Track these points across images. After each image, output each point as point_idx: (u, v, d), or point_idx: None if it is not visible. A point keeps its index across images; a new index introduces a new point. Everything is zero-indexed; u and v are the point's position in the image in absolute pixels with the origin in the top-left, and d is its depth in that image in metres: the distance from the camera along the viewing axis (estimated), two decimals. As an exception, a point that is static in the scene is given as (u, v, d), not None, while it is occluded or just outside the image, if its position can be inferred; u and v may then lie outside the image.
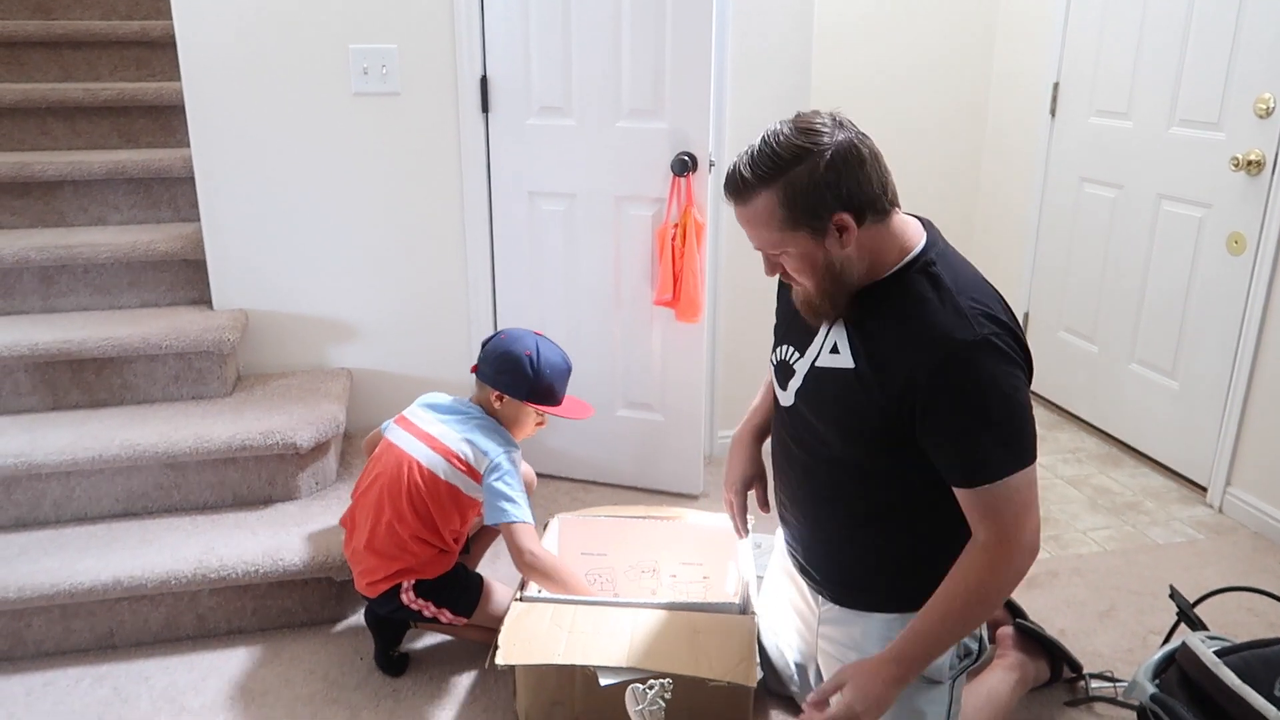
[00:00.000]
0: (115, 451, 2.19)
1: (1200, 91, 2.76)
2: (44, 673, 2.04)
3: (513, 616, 1.84)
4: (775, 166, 1.39)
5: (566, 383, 2.04)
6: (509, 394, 1.99)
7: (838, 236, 1.42)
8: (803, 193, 1.38)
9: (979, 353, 1.39)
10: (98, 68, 3.23)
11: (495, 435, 1.98)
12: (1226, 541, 2.60)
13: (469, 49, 2.55)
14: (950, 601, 1.46)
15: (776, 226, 1.42)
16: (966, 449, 1.43)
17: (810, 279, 1.48)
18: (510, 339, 2.01)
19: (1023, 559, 1.45)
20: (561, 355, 2.04)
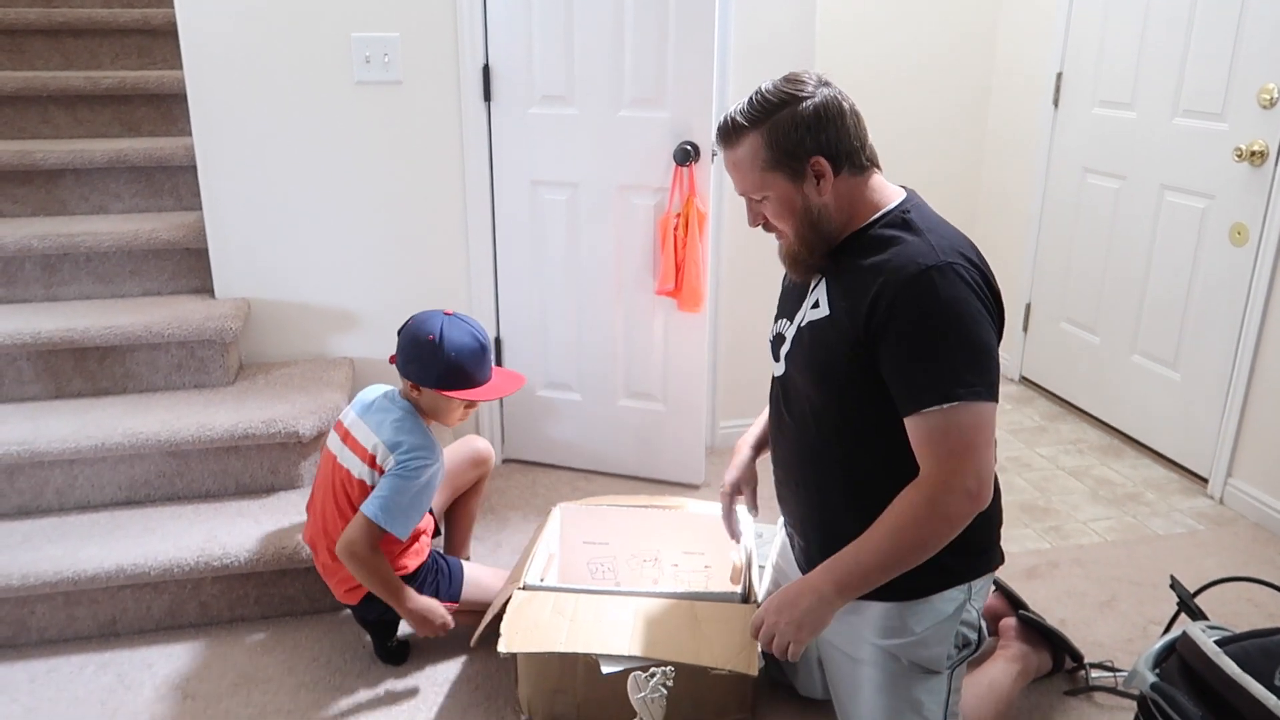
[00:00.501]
0: (118, 440, 2.20)
1: (1204, 82, 2.76)
2: (48, 660, 2.04)
3: (515, 605, 1.84)
4: (763, 110, 1.49)
5: (484, 361, 1.93)
6: (419, 383, 1.91)
7: (815, 182, 1.50)
8: (785, 134, 1.48)
9: (940, 275, 1.43)
10: (99, 56, 3.23)
11: (407, 432, 1.90)
12: (1227, 532, 2.60)
13: (471, 37, 2.54)
14: (882, 536, 1.46)
15: (760, 167, 1.51)
16: (917, 369, 1.43)
17: (789, 224, 1.55)
18: (416, 323, 1.92)
19: (959, 503, 1.42)
20: (472, 333, 1.92)
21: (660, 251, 2.59)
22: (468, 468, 2.24)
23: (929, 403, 1.42)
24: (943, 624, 1.61)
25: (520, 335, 2.83)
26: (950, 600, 1.61)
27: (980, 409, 1.42)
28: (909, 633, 1.60)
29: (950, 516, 1.44)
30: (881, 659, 1.62)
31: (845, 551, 1.49)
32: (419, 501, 1.88)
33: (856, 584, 1.48)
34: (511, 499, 2.73)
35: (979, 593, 1.66)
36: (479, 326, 1.95)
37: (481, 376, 1.92)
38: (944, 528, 1.45)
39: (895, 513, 1.46)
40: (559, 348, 2.81)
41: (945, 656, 1.63)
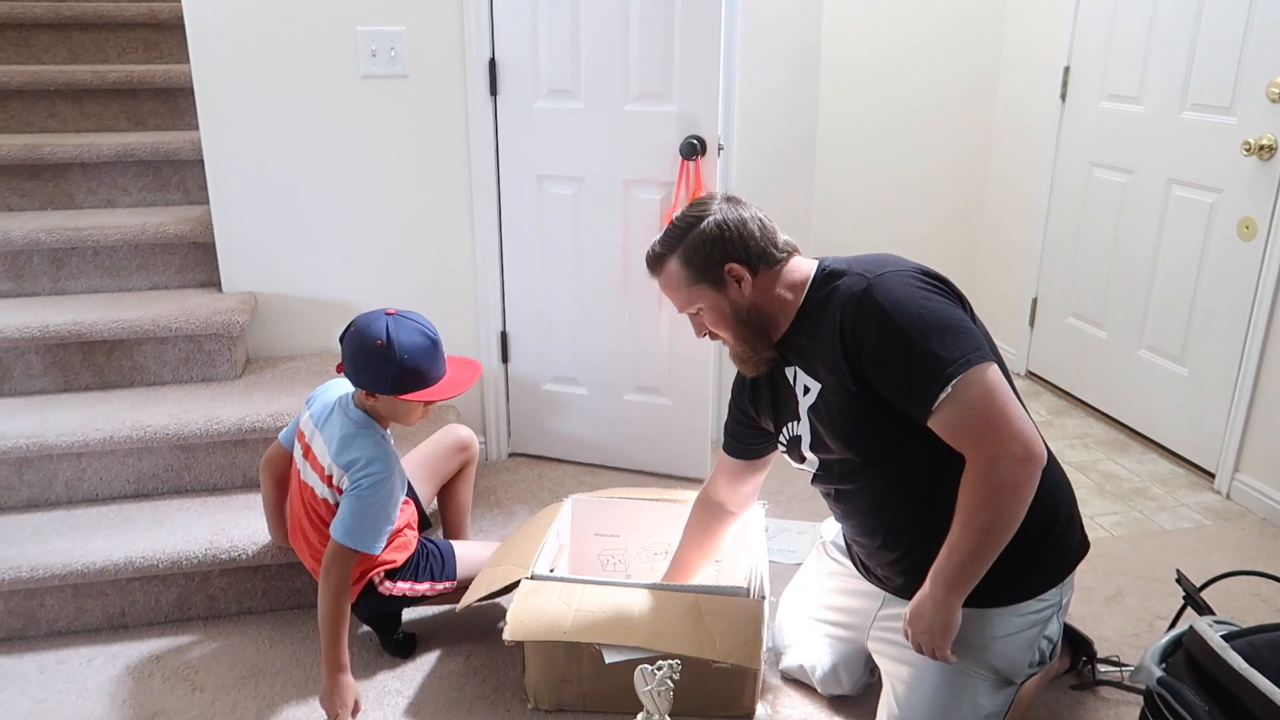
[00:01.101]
0: (126, 433, 2.21)
1: (1212, 75, 2.74)
2: (57, 651, 2.05)
3: (521, 594, 1.85)
4: (675, 236, 1.65)
5: (437, 356, 1.84)
6: (372, 390, 1.82)
7: (736, 286, 1.62)
8: (695, 251, 1.62)
9: (875, 289, 1.51)
10: (106, 50, 3.23)
11: (357, 448, 1.83)
12: (1234, 527, 2.60)
13: (477, 31, 2.54)
14: (961, 531, 1.46)
15: (685, 285, 1.65)
16: (904, 375, 1.47)
17: (726, 329, 1.67)
18: (359, 330, 1.82)
19: (1013, 470, 1.41)
20: (420, 329, 1.83)
21: (666, 245, 2.59)
22: (450, 455, 2.24)
23: (932, 398, 1.44)
24: (1027, 633, 1.61)
25: (526, 329, 2.83)
26: (1036, 612, 1.61)
27: (979, 374, 1.43)
28: (991, 636, 1.59)
29: (1012, 485, 1.43)
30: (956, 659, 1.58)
31: (941, 557, 1.50)
32: (383, 513, 1.84)
33: (959, 580, 1.49)
34: (518, 493, 2.73)
35: (1066, 606, 1.67)
36: (426, 321, 1.86)
37: (437, 373, 1.84)
38: (1012, 498, 1.43)
39: (963, 505, 1.46)
40: (565, 342, 2.81)
41: (1025, 665, 1.63)
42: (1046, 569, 1.62)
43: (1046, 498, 1.55)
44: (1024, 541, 1.52)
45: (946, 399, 1.43)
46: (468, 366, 1.92)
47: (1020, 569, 1.57)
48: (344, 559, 1.80)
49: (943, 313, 1.48)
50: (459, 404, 2.86)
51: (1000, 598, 1.58)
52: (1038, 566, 1.60)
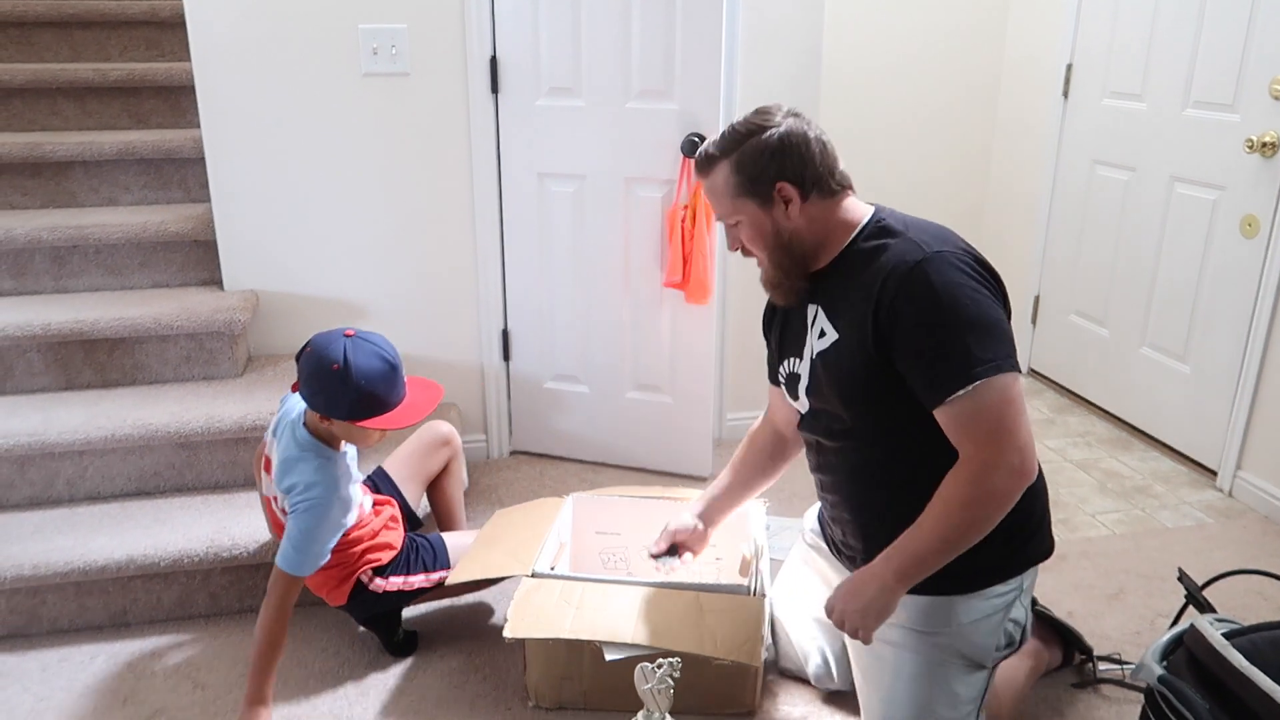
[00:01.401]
0: (127, 431, 2.21)
1: (1215, 73, 2.74)
2: (59, 649, 2.06)
3: (522, 591, 1.85)
4: (732, 141, 1.57)
5: (396, 381, 1.76)
6: (327, 415, 1.75)
7: (784, 207, 1.57)
8: (751, 161, 1.55)
9: (930, 265, 1.46)
10: (107, 48, 3.23)
11: (296, 472, 1.78)
12: (1236, 525, 2.59)
13: (478, 29, 2.54)
14: (934, 522, 1.47)
15: (731, 194, 1.58)
16: (932, 361, 1.45)
17: (762, 248, 1.61)
18: (316, 351, 1.74)
19: (1005, 480, 1.43)
20: (380, 354, 1.75)
21: (668, 243, 2.59)
22: (432, 452, 2.23)
23: (951, 390, 1.43)
24: (991, 618, 1.61)
25: (527, 327, 2.83)
26: (1000, 596, 1.61)
27: (1003, 382, 1.42)
28: (956, 623, 1.60)
29: (999, 495, 1.44)
30: (924, 647, 1.61)
31: (901, 540, 1.50)
32: (318, 539, 1.77)
33: (914, 571, 1.49)
34: (519, 491, 2.73)
35: (1028, 589, 1.66)
36: (385, 344, 1.78)
37: (395, 399, 1.76)
38: (994, 507, 1.45)
39: (944, 499, 1.46)
40: (566, 340, 2.81)
41: (994, 649, 1.63)
42: (1011, 564, 1.62)
43: (1023, 499, 1.54)
44: (993, 537, 1.53)
45: (964, 395, 1.42)
46: (428, 390, 1.84)
47: (985, 561, 1.57)
48: (281, 584, 1.75)
49: (986, 310, 1.46)
50: (460, 402, 2.87)
51: (963, 586, 1.59)
52: (1003, 561, 1.60)
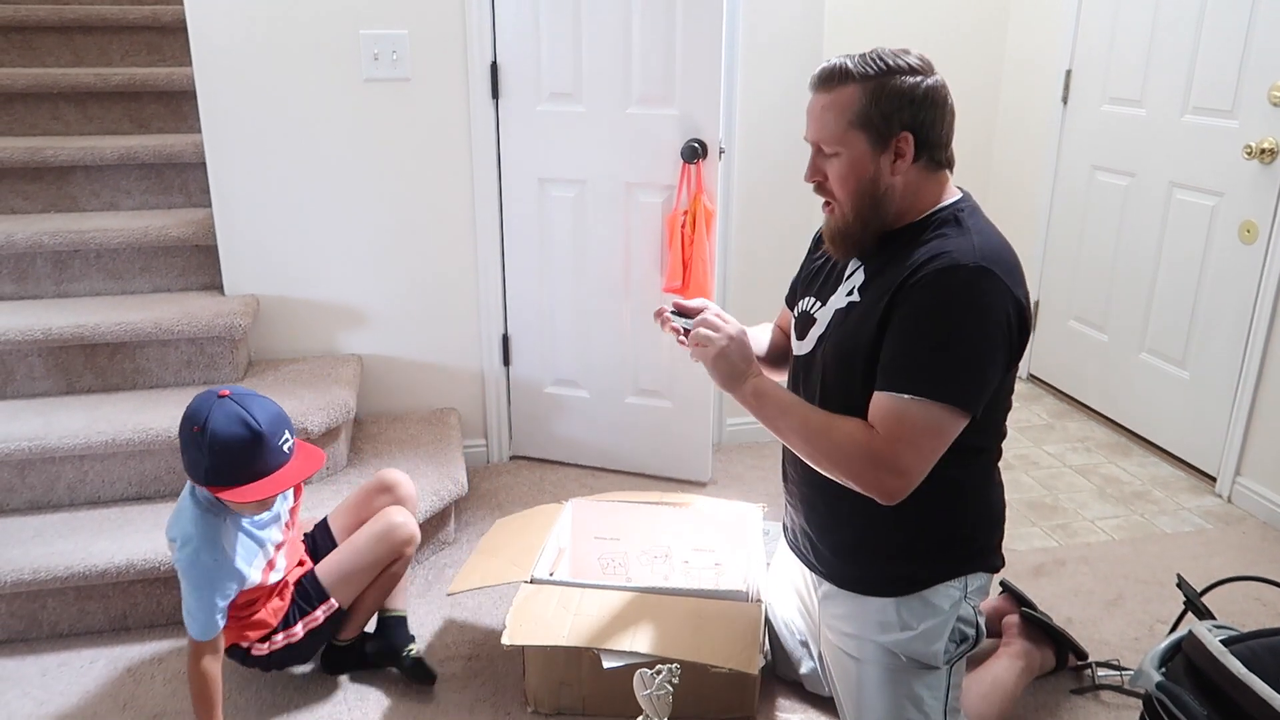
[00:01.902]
0: (128, 435, 2.21)
1: (1214, 79, 2.74)
2: (59, 654, 2.06)
3: (520, 598, 1.86)
4: (876, 68, 1.47)
5: (258, 450, 1.60)
6: (191, 477, 1.66)
7: (893, 159, 1.49)
8: (888, 97, 1.46)
9: (968, 275, 1.42)
10: (109, 53, 3.24)
11: (175, 522, 1.71)
12: (1235, 531, 2.60)
13: (479, 35, 2.55)
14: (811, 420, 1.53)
15: (848, 120, 1.48)
16: (906, 349, 1.45)
17: (849, 191, 1.52)
18: (189, 409, 1.62)
19: (874, 480, 1.45)
20: (244, 419, 1.59)
21: (668, 248, 2.60)
22: (371, 498, 1.98)
23: (898, 386, 1.44)
24: (939, 619, 1.62)
25: (528, 332, 2.84)
26: (945, 596, 1.63)
27: (942, 413, 1.43)
28: (906, 628, 1.62)
29: (859, 479, 1.47)
30: (881, 656, 1.64)
31: (789, 399, 1.58)
32: (201, 597, 1.66)
33: (764, 408, 1.58)
34: (519, 496, 2.74)
35: (975, 591, 1.67)
36: (262, 409, 1.63)
37: (258, 469, 1.61)
38: (843, 476, 1.49)
39: (834, 428, 1.49)
40: (566, 344, 2.81)
41: (943, 651, 1.64)
42: (945, 570, 1.64)
43: (955, 508, 1.60)
44: (922, 550, 1.60)
45: (905, 398, 1.43)
46: (305, 461, 1.69)
47: (919, 568, 1.62)
48: (192, 649, 1.69)
49: (981, 349, 1.44)
50: (460, 407, 2.87)
51: (903, 588, 1.62)
52: (937, 568, 1.63)
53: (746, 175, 2.79)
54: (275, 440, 1.63)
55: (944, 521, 1.61)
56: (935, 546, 1.61)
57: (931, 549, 1.61)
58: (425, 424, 2.75)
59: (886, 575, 1.64)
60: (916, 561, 1.61)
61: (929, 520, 1.59)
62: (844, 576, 1.70)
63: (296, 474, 1.66)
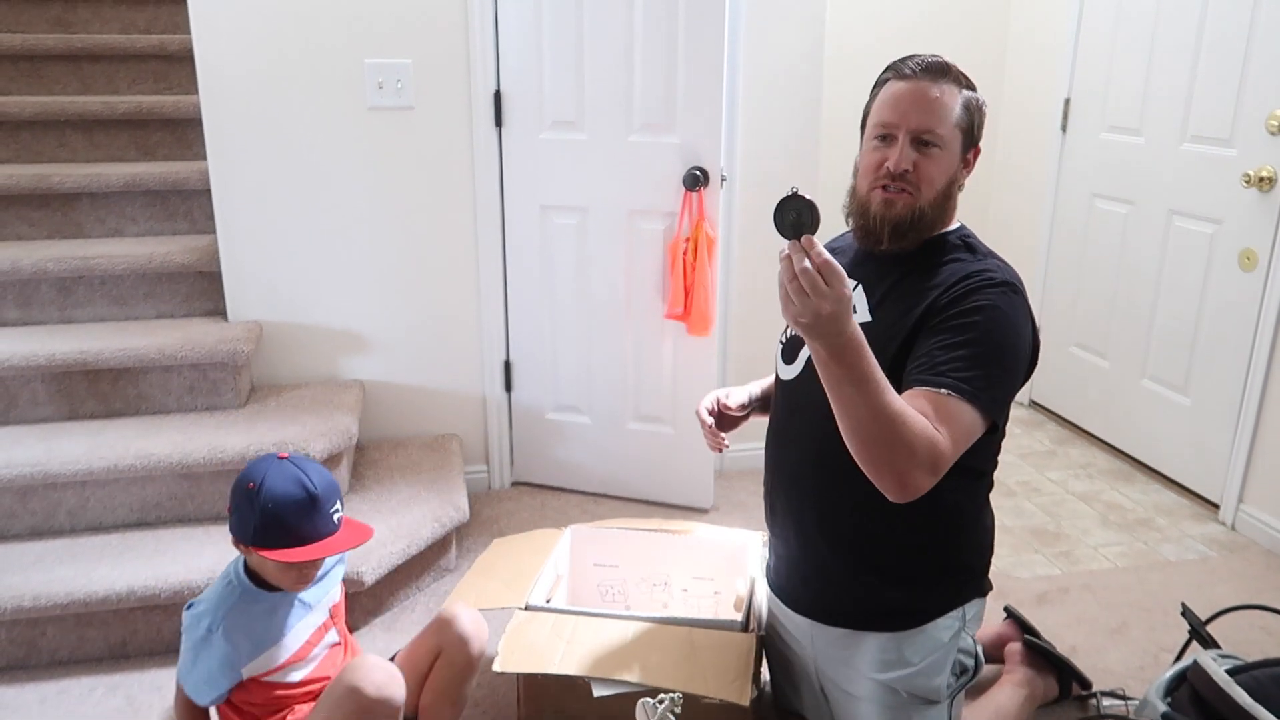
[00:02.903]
0: (130, 461, 2.21)
1: (1212, 107, 2.76)
2: (58, 681, 2.05)
3: (514, 625, 1.84)
4: (965, 81, 1.53)
5: (312, 513, 1.58)
6: (236, 537, 1.61)
7: (964, 168, 1.55)
8: (976, 110, 1.54)
9: (1011, 293, 1.47)
10: (116, 81, 3.27)
11: (210, 590, 1.67)
12: (1239, 559, 2.58)
13: (483, 64, 2.57)
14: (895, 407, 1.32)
15: (952, 119, 1.51)
16: (945, 352, 1.42)
17: (934, 188, 1.52)
18: (247, 468, 1.63)
19: (919, 471, 1.33)
20: (301, 481, 1.58)
21: (669, 275, 2.61)
22: (429, 635, 1.76)
23: (942, 386, 1.39)
24: (939, 652, 1.61)
25: (529, 358, 2.84)
26: (945, 628, 1.61)
27: (975, 416, 1.40)
28: (907, 664, 1.60)
29: (902, 473, 1.33)
30: (880, 694, 1.62)
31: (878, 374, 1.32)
32: (200, 662, 1.60)
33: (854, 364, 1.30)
34: (520, 523, 2.73)
35: (972, 619, 1.67)
36: (317, 474, 1.62)
37: (307, 532, 1.58)
38: (893, 466, 1.33)
39: (912, 416, 1.33)
40: (568, 371, 2.82)
41: (945, 686, 1.63)
42: (939, 603, 1.63)
43: (951, 535, 1.60)
44: (920, 579, 1.59)
45: (950, 398, 1.38)
46: (355, 533, 1.65)
47: (916, 600, 1.61)
48: (178, 695, 1.67)
49: (1012, 366, 1.47)
50: (462, 432, 2.87)
51: (905, 623, 1.60)
52: (932, 600, 1.62)
53: (748, 203, 2.81)
54: (327, 506, 1.61)
55: (945, 546, 1.61)
56: (937, 573, 1.61)
57: (933, 575, 1.61)
58: (427, 450, 2.75)
59: (886, 607, 1.62)
60: (918, 589, 1.60)
61: (931, 545, 1.59)
62: (841, 613, 1.67)
63: (343, 543, 1.62)
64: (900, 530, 1.58)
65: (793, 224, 1.26)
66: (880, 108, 1.55)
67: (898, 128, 1.51)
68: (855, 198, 1.59)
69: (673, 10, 2.44)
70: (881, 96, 1.56)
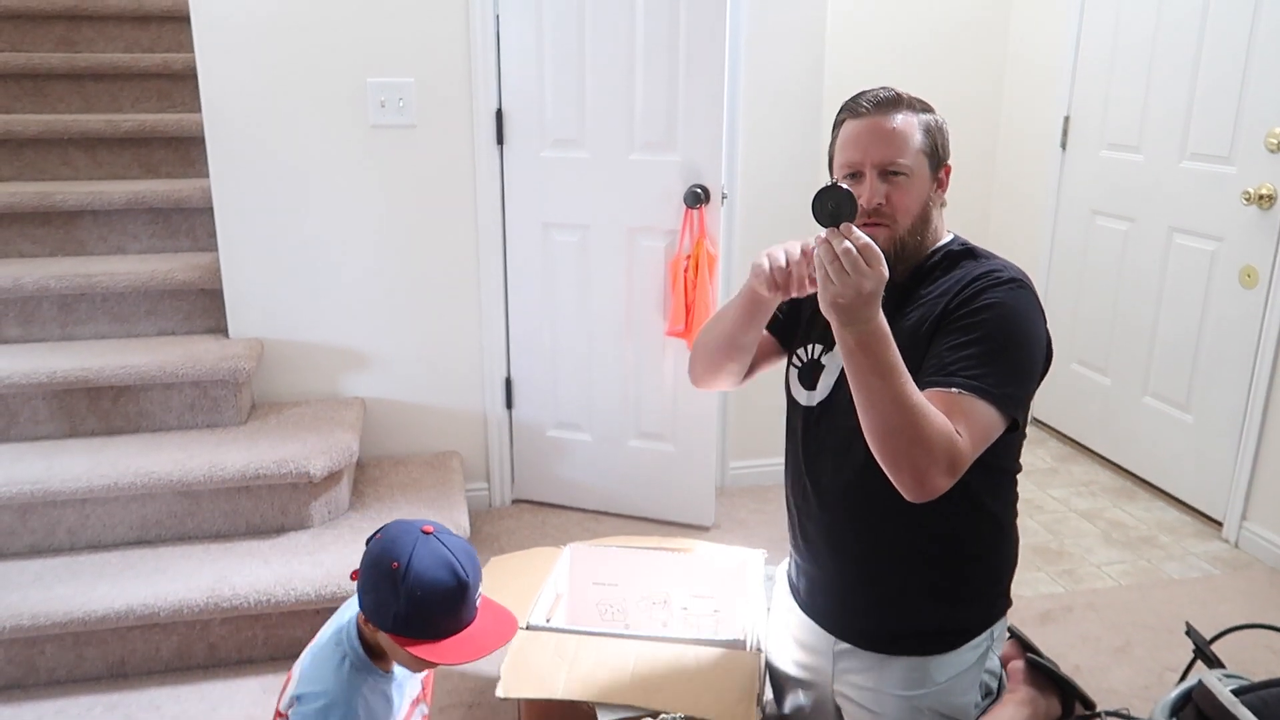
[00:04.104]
0: (130, 479, 2.21)
1: (1211, 125, 2.77)
2: (56, 700, 2.04)
3: (515, 646, 1.83)
4: (920, 105, 1.56)
5: (461, 604, 1.43)
6: (371, 620, 1.44)
7: (938, 189, 1.58)
8: (938, 131, 1.56)
9: (1024, 293, 1.49)
10: (119, 99, 3.29)
11: (314, 680, 1.48)
12: (1243, 576, 2.57)
13: (485, 82, 2.58)
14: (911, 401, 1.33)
15: (914, 147, 1.53)
16: (960, 350, 1.42)
17: (911, 214, 1.54)
18: (384, 540, 1.44)
19: (936, 470, 1.33)
20: (451, 566, 1.41)
21: (670, 293, 2.61)
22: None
23: (957, 386, 1.39)
24: (967, 672, 1.60)
25: (530, 375, 2.84)
26: (974, 648, 1.60)
27: (993, 415, 1.40)
28: (933, 683, 1.59)
29: (920, 471, 1.33)
30: (905, 713, 1.59)
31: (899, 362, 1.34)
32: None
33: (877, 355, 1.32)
34: (520, 540, 2.72)
35: (999, 639, 1.66)
36: (465, 554, 1.45)
37: (453, 623, 1.43)
38: (910, 463, 1.33)
39: (933, 412, 1.34)
40: (569, 388, 2.82)
41: (973, 705, 1.61)
42: (982, 620, 1.63)
43: (991, 556, 1.60)
44: (966, 594, 1.58)
45: (965, 397, 1.38)
46: (500, 623, 1.50)
47: (960, 621, 1.60)
48: None
49: (1028, 365, 1.47)
50: (463, 449, 2.86)
51: (938, 646, 1.59)
52: (976, 618, 1.62)
53: (749, 220, 2.81)
54: (475, 593, 1.45)
55: (983, 559, 1.59)
56: (974, 591, 1.59)
57: (971, 594, 1.59)
58: (428, 467, 2.74)
59: (927, 628, 1.58)
60: (958, 606, 1.57)
61: (973, 556, 1.58)
62: (879, 637, 1.63)
63: (494, 639, 1.46)
64: (943, 544, 1.57)
65: (831, 213, 1.32)
66: (843, 148, 1.57)
67: (862, 164, 1.53)
68: None
69: (674, 29, 2.46)
70: (841, 137, 1.58)
